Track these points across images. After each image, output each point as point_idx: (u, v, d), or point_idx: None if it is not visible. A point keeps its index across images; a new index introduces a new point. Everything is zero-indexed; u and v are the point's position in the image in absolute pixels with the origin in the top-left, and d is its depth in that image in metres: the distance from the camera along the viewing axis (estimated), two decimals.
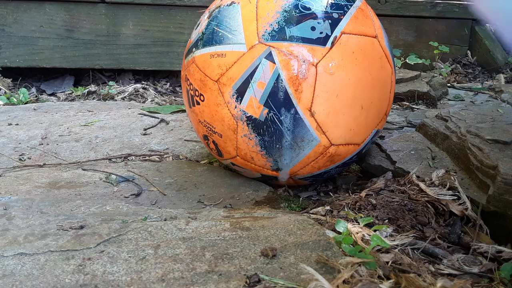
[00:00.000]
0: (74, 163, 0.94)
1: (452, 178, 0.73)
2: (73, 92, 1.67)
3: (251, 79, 0.69)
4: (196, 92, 0.75)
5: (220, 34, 0.72)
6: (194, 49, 0.76)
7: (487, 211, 0.66)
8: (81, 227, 0.60)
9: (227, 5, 0.74)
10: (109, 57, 1.73)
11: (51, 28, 1.67)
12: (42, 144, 1.05)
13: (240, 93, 0.70)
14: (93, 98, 1.62)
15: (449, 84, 1.70)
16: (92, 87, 1.67)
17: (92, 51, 1.71)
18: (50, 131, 1.14)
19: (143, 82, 1.77)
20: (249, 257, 0.53)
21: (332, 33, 0.69)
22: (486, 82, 1.79)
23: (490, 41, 2.00)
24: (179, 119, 1.26)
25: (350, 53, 0.70)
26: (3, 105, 1.45)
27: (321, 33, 0.68)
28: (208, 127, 0.76)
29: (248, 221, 0.63)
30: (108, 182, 0.83)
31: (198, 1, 1.72)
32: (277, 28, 0.68)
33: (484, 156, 0.72)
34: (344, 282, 0.48)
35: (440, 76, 1.71)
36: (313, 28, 0.68)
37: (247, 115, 0.70)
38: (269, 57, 0.68)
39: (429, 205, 0.69)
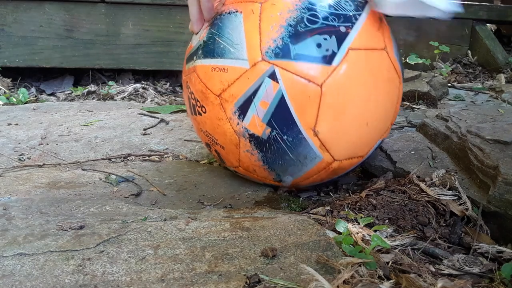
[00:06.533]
0: (73, 163, 0.93)
1: (453, 178, 0.73)
2: (72, 92, 1.67)
3: (253, 98, 0.66)
4: (198, 103, 0.73)
5: (221, 46, 0.68)
6: (195, 57, 0.73)
7: (488, 211, 0.66)
8: (81, 227, 0.60)
9: (229, 13, 0.70)
10: (108, 57, 1.73)
11: (51, 28, 1.67)
12: (41, 144, 1.04)
13: (242, 110, 0.67)
14: (93, 98, 1.62)
15: (449, 84, 1.70)
16: (92, 87, 1.67)
17: (92, 51, 1.71)
18: (49, 131, 1.14)
19: (143, 82, 1.77)
20: (249, 257, 0.53)
21: (338, 50, 0.65)
22: (486, 82, 1.79)
23: (490, 41, 2.00)
24: (179, 119, 1.26)
25: (357, 70, 0.67)
26: (3, 105, 1.45)
27: (327, 50, 0.65)
28: (210, 137, 0.75)
29: (248, 221, 0.63)
30: (108, 182, 0.82)
31: None
32: (281, 45, 0.65)
33: (484, 156, 0.72)
34: (344, 282, 0.48)
35: (441, 76, 1.71)
36: (319, 45, 0.64)
37: (250, 133, 0.69)
38: (273, 76, 0.65)
39: (429, 205, 0.69)
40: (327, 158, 0.70)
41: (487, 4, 2.14)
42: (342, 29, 0.66)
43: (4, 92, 1.59)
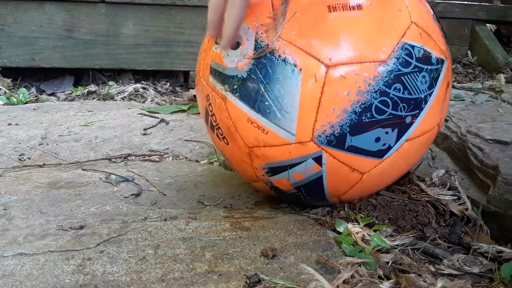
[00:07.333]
0: (74, 163, 0.94)
1: (452, 178, 0.73)
2: (73, 92, 1.67)
3: (289, 169, 0.61)
4: (220, 130, 0.65)
5: (267, 103, 0.57)
6: (227, 85, 0.60)
7: (488, 211, 0.66)
8: (81, 227, 0.60)
9: (284, 60, 0.56)
10: (109, 57, 1.73)
11: (51, 28, 1.67)
12: (42, 144, 1.04)
13: (272, 171, 0.63)
14: (93, 98, 1.62)
15: None
16: (92, 87, 1.67)
17: (92, 51, 1.71)
18: (49, 131, 1.14)
19: (143, 82, 1.77)
20: (249, 257, 0.53)
21: (395, 143, 0.59)
22: (486, 82, 1.79)
23: (490, 41, 2.01)
24: (179, 119, 1.26)
25: (404, 157, 0.62)
26: (3, 105, 1.45)
27: (384, 145, 0.58)
28: (227, 158, 0.71)
29: (248, 221, 0.63)
30: (108, 182, 0.82)
31: (198, 1, 1.72)
32: (338, 133, 0.56)
33: (484, 156, 0.72)
34: (344, 282, 0.48)
35: None
36: (377, 139, 0.58)
37: (274, 185, 0.66)
38: (318, 159, 0.59)
39: (429, 205, 0.69)
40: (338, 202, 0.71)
41: (487, 4, 2.15)
42: (408, 119, 0.58)
43: (5, 92, 1.59)
